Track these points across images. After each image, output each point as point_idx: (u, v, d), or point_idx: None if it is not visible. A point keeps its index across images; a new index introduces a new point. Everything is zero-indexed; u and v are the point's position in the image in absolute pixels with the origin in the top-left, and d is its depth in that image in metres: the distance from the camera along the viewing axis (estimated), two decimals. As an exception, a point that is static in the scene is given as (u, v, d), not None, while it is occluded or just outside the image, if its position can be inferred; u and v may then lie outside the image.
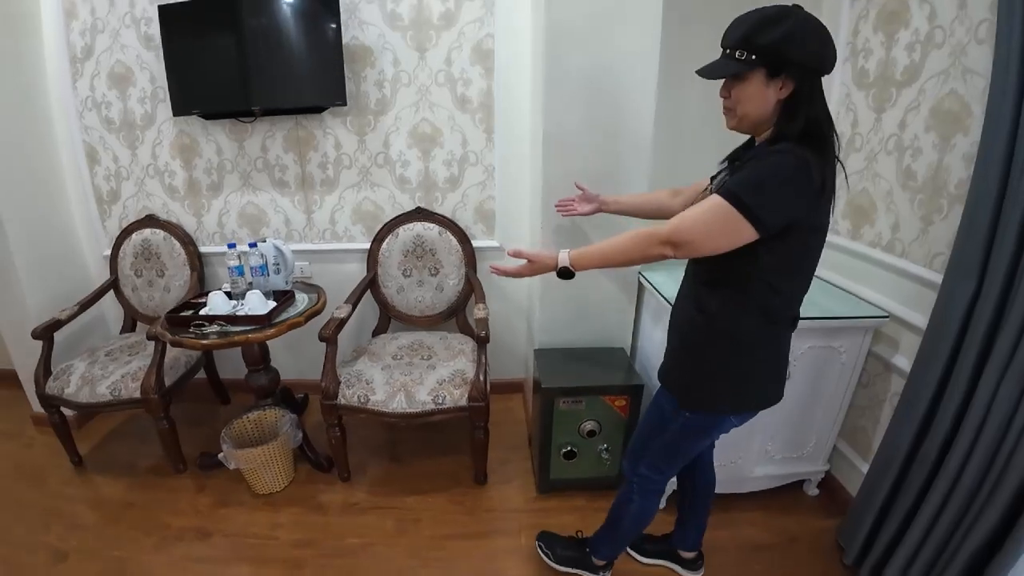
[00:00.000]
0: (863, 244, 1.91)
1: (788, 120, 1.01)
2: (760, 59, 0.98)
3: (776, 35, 0.96)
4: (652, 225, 1.18)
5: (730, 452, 1.87)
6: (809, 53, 0.98)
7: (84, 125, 2.42)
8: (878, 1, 1.81)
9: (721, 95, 1.08)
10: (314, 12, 2.09)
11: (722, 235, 1.01)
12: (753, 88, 1.02)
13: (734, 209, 0.97)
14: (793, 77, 0.99)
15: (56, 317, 2.26)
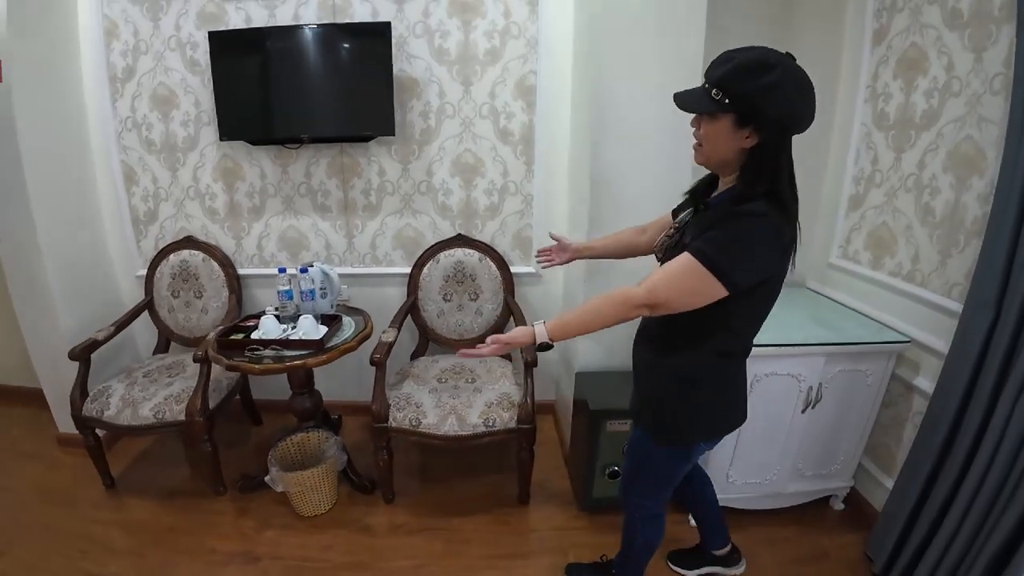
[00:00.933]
0: (883, 273, 2.01)
1: (752, 173, 1.01)
2: (732, 105, 0.97)
3: (753, 87, 0.94)
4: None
5: (765, 470, 1.96)
6: (783, 111, 0.96)
7: (123, 145, 2.41)
8: (898, 49, 1.93)
9: (692, 125, 1.08)
10: (368, 46, 2.14)
11: (696, 295, 1.02)
12: (720, 130, 1.01)
13: (708, 271, 0.98)
14: (761, 130, 0.98)
15: (93, 337, 2.23)
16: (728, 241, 0.98)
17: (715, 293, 1.00)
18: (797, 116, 0.98)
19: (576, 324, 1.11)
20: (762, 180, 0.99)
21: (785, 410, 1.88)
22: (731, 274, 0.98)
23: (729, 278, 0.98)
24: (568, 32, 2.22)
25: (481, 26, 2.22)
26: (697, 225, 1.09)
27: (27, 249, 2.22)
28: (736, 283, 0.99)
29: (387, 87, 2.15)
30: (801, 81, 0.95)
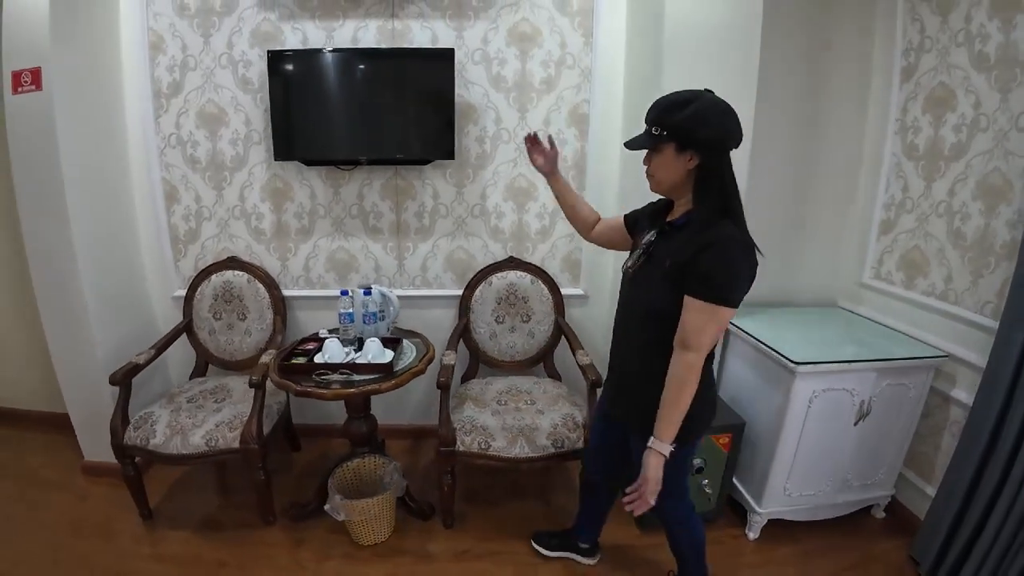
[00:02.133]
0: (917, 293, 2.12)
1: (702, 191, 1.19)
2: (670, 135, 1.16)
3: (680, 116, 1.14)
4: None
5: (819, 482, 2.02)
6: (710, 132, 1.14)
7: (165, 162, 2.31)
8: (926, 86, 2.05)
9: (644, 163, 1.27)
10: (431, 71, 2.15)
11: (722, 327, 1.22)
12: (666, 159, 1.20)
13: (722, 306, 1.15)
14: (699, 152, 1.16)
15: (134, 361, 2.12)
16: (721, 272, 1.13)
17: (730, 317, 1.18)
18: (724, 134, 1.16)
19: (678, 415, 1.24)
20: (712, 195, 1.17)
21: (839, 424, 1.95)
22: (736, 298, 1.16)
23: (736, 302, 1.16)
24: (620, 64, 2.26)
25: (538, 55, 2.24)
26: (666, 246, 1.25)
27: (62, 266, 2.12)
28: (739, 301, 1.17)
29: (449, 112, 2.14)
30: (719, 106, 1.15)
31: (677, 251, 1.19)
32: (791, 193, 2.32)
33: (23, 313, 2.60)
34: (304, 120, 2.16)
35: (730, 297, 1.16)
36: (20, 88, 2.04)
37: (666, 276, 1.21)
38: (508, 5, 2.21)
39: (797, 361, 1.82)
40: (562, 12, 2.21)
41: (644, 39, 2.06)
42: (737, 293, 1.17)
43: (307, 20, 2.21)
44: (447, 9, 2.20)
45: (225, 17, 2.22)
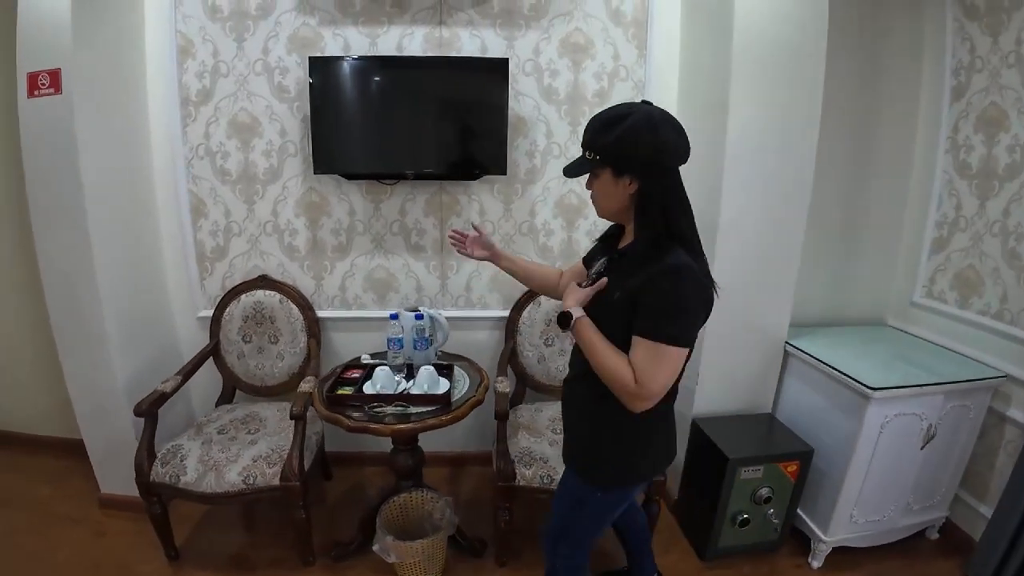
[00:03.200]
0: (972, 312, 2.08)
1: (644, 215, 1.07)
2: (602, 159, 1.06)
3: (612, 138, 1.02)
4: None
5: (884, 508, 1.98)
6: (645, 150, 1.02)
7: (192, 174, 2.16)
8: (977, 106, 2.03)
9: (587, 187, 1.16)
10: (484, 82, 2.05)
11: (674, 370, 1.06)
12: (605, 184, 1.09)
13: (671, 346, 1.02)
14: (637, 174, 1.04)
15: (161, 389, 1.96)
16: (669, 309, 1.02)
17: (683, 359, 1.06)
18: (660, 151, 1.02)
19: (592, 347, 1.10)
20: (654, 219, 1.05)
21: (907, 448, 1.90)
22: (687, 336, 1.05)
23: (687, 340, 1.05)
24: (673, 76, 2.18)
25: (591, 67, 2.16)
26: (615, 276, 1.12)
27: (80, 285, 1.96)
28: (692, 339, 1.06)
29: (502, 125, 2.05)
30: (653, 119, 1.01)
31: (625, 281, 1.08)
32: (841, 211, 2.28)
33: (33, 333, 2.44)
34: (347, 132, 2.03)
35: (679, 336, 1.03)
36: (37, 91, 1.88)
37: (615, 309, 1.08)
38: (561, 15, 2.11)
39: (874, 387, 1.75)
40: (616, 23, 2.13)
41: (707, 52, 1.99)
42: (687, 330, 1.05)
43: (349, 26, 2.09)
44: (498, 17, 2.09)
45: (260, 21, 2.08)
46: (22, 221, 2.22)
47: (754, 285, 1.99)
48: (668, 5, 2.13)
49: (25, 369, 2.53)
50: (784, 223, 1.97)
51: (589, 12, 2.13)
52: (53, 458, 2.50)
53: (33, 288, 2.34)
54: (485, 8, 2.10)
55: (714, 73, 1.93)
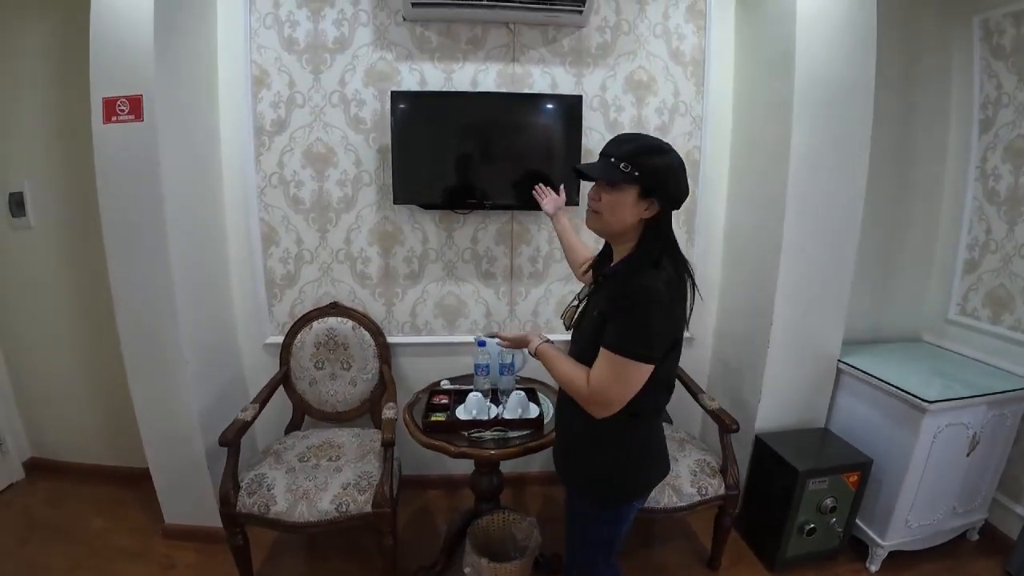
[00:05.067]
0: (1004, 328, 2.32)
1: (652, 241, 1.16)
2: (641, 177, 1.11)
3: (660, 163, 1.12)
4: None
5: (932, 513, 2.17)
6: (678, 187, 1.15)
7: (265, 203, 2.21)
8: (1005, 138, 2.30)
9: (591, 196, 1.21)
10: (559, 117, 2.20)
11: (634, 383, 1.13)
12: (625, 199, 1.14)
13: (632, 360, 1.10)
14: (660, 202, 1.14)
15: (241, 418, 1.98)
16: (634, 326, 1.10)
17: (646, 374, 1.12)
18: (683, 194, 1.17)
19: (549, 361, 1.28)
20: (655, 246, 1.16)
21: (955, 456, 2.10)
22: (647, 354, 1.10)
23: (647, 358, 1.11)
24: (728, 112, 2.37)
25: (653, 103, 2.32)
26: (598, 296, 1.24)
27: (159, 314, 1.99)
28: (655, 356, 1.12)
29: (576, 159, 2.16)
30: (683, 164, 1.16)
31: (603, 301, 1.17)
32: (880, 235, 2.51)
33: (87, 360, 2.50)
34: (426, 164, 2.13)
35: (639, 352, 1.10)
36: (114, 117, 1.89)
37: (595, 328, 1.15)
38: (626, 53, 2.27)
39: (930, 400, 1.92)
40: (676, 61, 2.30)
41: (766, 91, 2.20)
42: (648, 349, 1.10)
43: (425, 61, 2.20)
44: (567, 56, 2.24)
45: (338, 54, 2.17)
46: (86, 245, 2.23)
47: (811, 306, 2.19)
48: (723, 46, 2.34)
49: (75, 397, 2.56)
50: (838, 247, 2.17)
51: (652, 52, 2.30)
52: (104, 487, 2.50)
53: (88, 315, 2.41)
54: (555, 47, 2.24)
55: (775, 111, 2.12)
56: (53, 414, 2.63)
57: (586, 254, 1.63)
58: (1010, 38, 2.26)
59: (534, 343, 1.35)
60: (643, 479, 1.34)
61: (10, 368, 2.60)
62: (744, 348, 2.38)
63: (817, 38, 1.98)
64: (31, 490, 2.58)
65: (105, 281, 1.99)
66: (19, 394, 2.62)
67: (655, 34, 2.31)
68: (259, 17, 2.17)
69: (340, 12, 2.18)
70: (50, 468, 2.68)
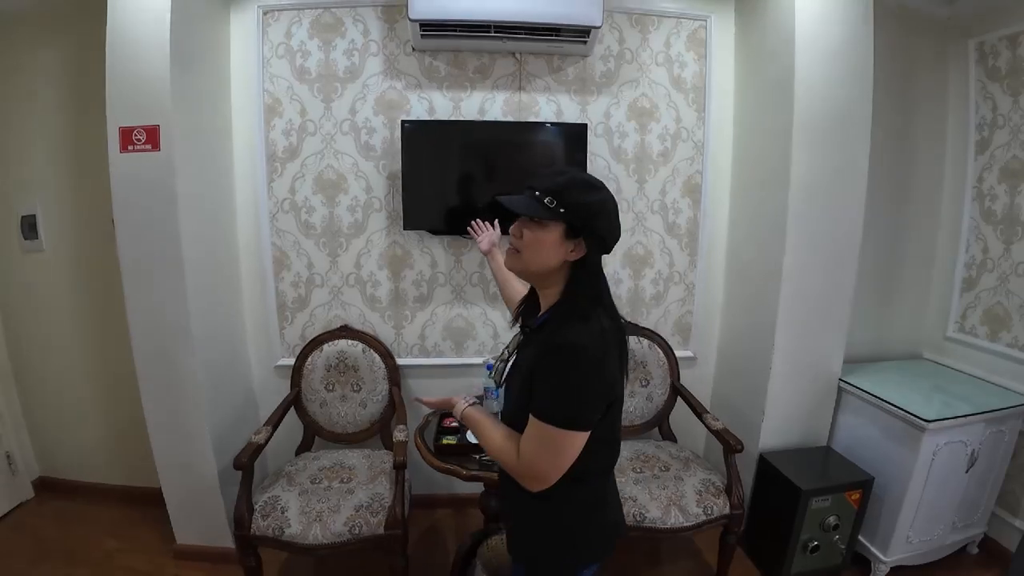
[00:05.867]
0: (1001, 345, 2.39)
1: (578, 287, 1.05)
2: (567, 214, 1.00)
3: (589, 199, 1.01)
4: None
5: (933, 528, 2.23)
6: (609, 228, 1.04)
7: (277, 228, 2.27)
8: (1001, 159, 2.38)
9: (512, 233, 1.08)
10: (565, 145, 2.28)
11: (567, 453, 1.01)
12: (549, 238, 1.02)
13: (563, 429, 0.98)
14: (588, 244, 1.03)
15: (255, 441, 2.04)
16: (563, 390, 0.98)
17: (580, 441, 1.01)
18: (614, 236, 1.06)
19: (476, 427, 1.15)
20: (584, 293, 1.04)
21: (954, 472, 2.17)
22: (583, 418, 0.99)
23: (583, 423, 0.99)
24: (728, 137, 2.45)
25: (655, 129, 2.40)
26: (526, 349, 1.12)
27: (174, 335, 2.05)
28: (591, 421, 1.01)
29: (581, 184, 2.22)
30: (616, 205, 1.06)
31: (531, 357, 1.05)
32: (879, 254, 2.59)
33: (95, 381, 2.57)
34: (435, 190, 2.21)
35: (569, 419, 0.98)
36: (131, 146, 1.96)
37: (525, 389, 1.04)
38: (629, 81, 2.35)
39: (929, 419, 1.99)
40: (677, 89, 2.39)
41: (767, 118, 2.28)
42: (580, 415, 0.99)
43: (434, 90, 2.27)
44: (572, 84, 2.32)
45: (349, 83, 2.24)
46: (99, 268, 2.34)
47: (812, 326, 2.26)
48: (724, 74, 2.43)
49: (85, 416, 2.62)
50: (837, 269, 2.24)
51: (654, 79, 2.38)
52: (114, 507, 2.55)
53: (99, 336, 2.49)
54: (561, 76, 2.32)
55: (775, 137, 2.20)
56: (63, 433, 2.69)
57: (517, 291, 1.46)
58: (1005, 60, 2.35)
59: (459, 407, 1.19)
60: (596, 545, 1.19)
61: (20, 386, 2.67)
62: (747, 367, 2.45)
63: (815, 67, 2.07)
64: (41, 510, 2.63)
65: (117, 302, 2.07)
66: (29, 413, 2.68)
67: (657, 62, 2.39)
68: (272, 47, 2.24)
69: (351, 42, 2.25)
70: (60, 487, 2.73)
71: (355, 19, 2.25)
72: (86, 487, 2.70)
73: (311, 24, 2.24)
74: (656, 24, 2.37)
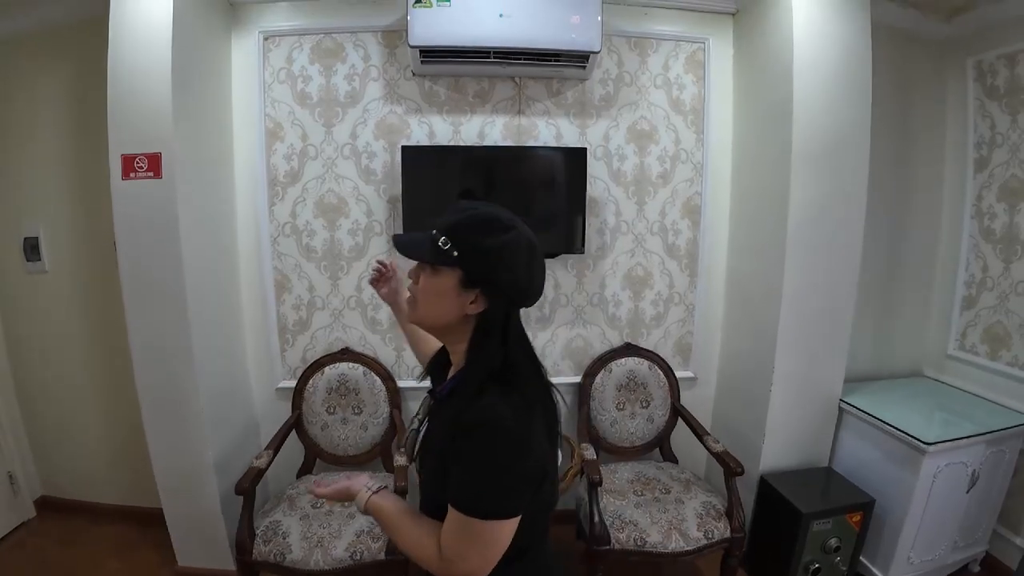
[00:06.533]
0: (1002, 364, 2.41)
1: (482, 346, 0.91)
2: (460, 259, 0.87)
3: (490, 243, 0.86)
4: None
5: (934, 548, 2.24)
6: (514, 277, 0.88)
7: (278, 251, 2.30)
8: (1000, 177, 2.41)
9: (409, 276, 0.96)
10: (564, 169, 2.31)
11: (497, 545, 0.87)
12: (443, 287, 0.89)
13: (488, 520, 0.85)
14: (489, 296, 0.89)
15: (256, 466, 2.06)
16: (482, 475, 0.85)
17: (511, 529, 0.87)
18: (525, 286, 0.90)
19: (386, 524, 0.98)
20: (491, 355, 0.90)
21: (955, 493, 2.19)
22: (509, 506, 0.86)
23: (511, 510, 0.86)
24: (727, 159, 2.48)
25: (655, 151, 2.43)
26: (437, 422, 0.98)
27: (176, 360, 2.08)
28: (519, 506, 0.87)
29: (580, 209, 2.27)
30: (534, 248, 0.90)
31: (441, 434, 0.92)
32: (880, 273, 2.62)
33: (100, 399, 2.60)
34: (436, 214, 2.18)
35: (494, 509, 0.85)
36: (133, 173, 1.99)
37: (440, 469, 0.90)
38: (628, 104, 2.38)
39: (928, 442, 2.01)
40: (676, 111, 2.41)
41: (766, 141, 2.31)
42: (506, 502, 0.86)
43: (434, 114, 2.30)
44: (571, 107, 2.35)
45: (349, 108, 2.27)
46: (101, 289, 2.38)
47: (812, 348, 2.29)
48: (723, 96, 2.46)
49: (87, 436, 2.66)
50: (837, 290, 2.27)
51: (653, 102, 2.41)
52: (116, 527, 2.57)
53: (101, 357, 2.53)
54: (560, 99, 2.35)
55: (774, 160, 2.23)
56: (65, 453, 2.72)
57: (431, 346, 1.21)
58: (1004, 79, 2.38)
59: (361, 497, 0.99)
60: None
61: (23, 406, 2.70)
62: (747, 388, 2.47)
63: (813, 88, 2.10)
64: (43, 529, 2.66)
65: (119, 324, 2.10)
66: (31, 432, 2.72)
67: (656, 85, 2.41)
68: (273, 72, 2.27)
69: (351, 67, 2.28)
70: (61, 507, 2.76)
71: (355, 44, 2.28)
72: (88, 507, 2.73)
73: (312, 49, 2.27)
74: (655, 47, 2.39)
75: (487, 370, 0.89)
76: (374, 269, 1.34)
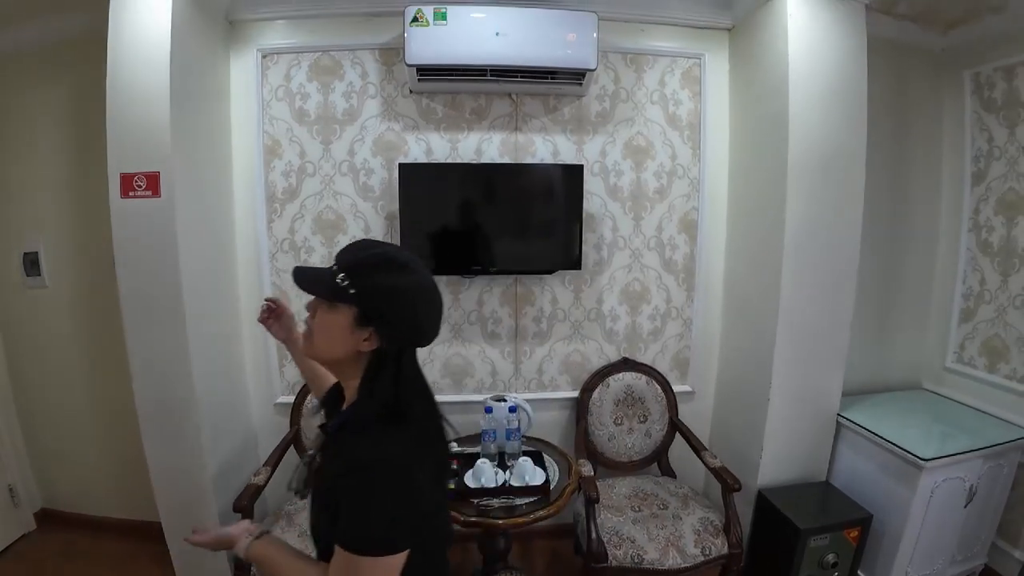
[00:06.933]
0: (999, 377, 2.42)
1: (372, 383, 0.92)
2: (355, 297, 0.88)
3: (385, 283, 0.89)
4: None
5: (933, 563, 2.24)
6: (407, 317, 0.90)
7: (276, 267, 2.32)
8: (997, 190, 2.42)
9: (307, 308, 0.96)
10: (561, 186, 2.33)
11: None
12: (337, 323, 0.90)
13: (373, 558, 0.85)
14: (381, 335, 0.90)
15: (255, 483, 2.07)
16: (367, 513, 0.85)
17: (398, 564, 0.87)
18: (418, 327, 0.93)
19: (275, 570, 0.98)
20: (383, 388, 0.91)
21: (952, 508, 2.19)
22: (393, 543, 0.86)
23: (396, 547, 0.86)
24: (724, 174, 2.49)
25: (651, 167, 2.44)
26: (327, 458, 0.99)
27: (175, 376, 2.08)
28: (404, 542, 0.87)
29: (578, 225, 2.28)
30: (430, 292, 0.94)
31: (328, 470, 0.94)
32: (877, 286, 2.62)
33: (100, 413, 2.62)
34: (433, 231, 2.24)
35: (378, 548, 0.85)
36: (132, 192, 2.00)
37: (329, 506, 0.89)
38: (624, 120, 2.39)
39: (925, 458, 2.02)
40: (672, 126, 2.43)
41: (763, 156, 2.32)
42: (392, 540, 0.86)
43: (431, 131, 2.32)
44: (568, 123, 2.36)
45: (347, 125, 2.29)
46: (101, 304, 2.40)
47: (810, 362, 2.30)
48: (719, 111, 2.47)
49: (88, 449, 2.67)
50: (835, 304, 2.28)
51: (649, 118, 2.42)
52: (116, 541, 2.59)
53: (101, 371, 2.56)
54: (557, 116, 2.37)
55: (771, 175, 2.25)
56: (65, 466, 2.74)
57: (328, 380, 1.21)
58: (1001, 92, 2.39)
59: (241, 544, 0.99)
60: None
61: (23, 419, 2.72)
62: (745, 402, 2.48)
63: (809, 103, 2.11)
64: (43, 542, 2.68)
65: (119, 337, 2.11)
66: (31, 445, 2.74)
67: (652, 100, 2.43)
68: (271, 89, 2.29)
69: (349, 85, 2.30)
70: (61, 520, 2.78)
71: (353, 62, 2.30)
72: (88, 520, 2.74)
73: (310, 67, 2.29)
74: (651, 63, 2.41)
75: (378, 406, 0.91)
76: (263, 308, 1.31)
